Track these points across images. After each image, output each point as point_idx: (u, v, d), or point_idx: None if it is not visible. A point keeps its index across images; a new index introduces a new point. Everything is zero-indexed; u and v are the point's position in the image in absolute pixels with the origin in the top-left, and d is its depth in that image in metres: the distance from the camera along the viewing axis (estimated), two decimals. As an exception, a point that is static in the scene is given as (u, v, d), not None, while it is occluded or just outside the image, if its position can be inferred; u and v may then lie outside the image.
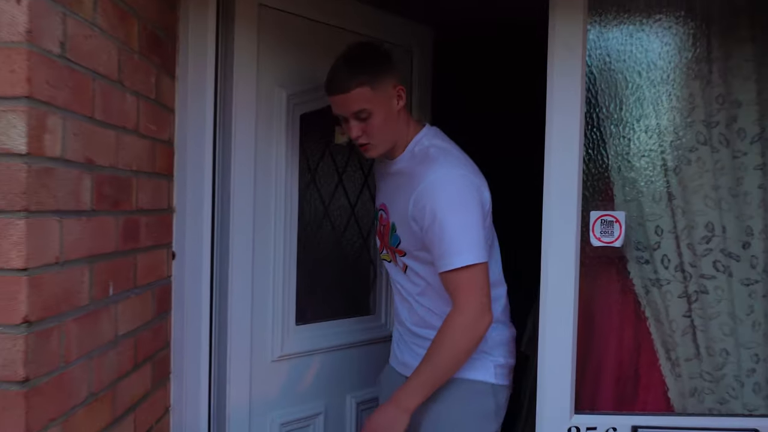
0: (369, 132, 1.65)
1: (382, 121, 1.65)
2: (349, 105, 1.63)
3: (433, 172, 1.62)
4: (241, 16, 1.75)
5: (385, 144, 1.69)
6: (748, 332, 1.79)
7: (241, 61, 1.75)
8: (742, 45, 1.78)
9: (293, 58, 1.88)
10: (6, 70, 0.96)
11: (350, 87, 1.61)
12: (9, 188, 0.97)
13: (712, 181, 1.77)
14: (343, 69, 1.64)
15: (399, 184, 1.71)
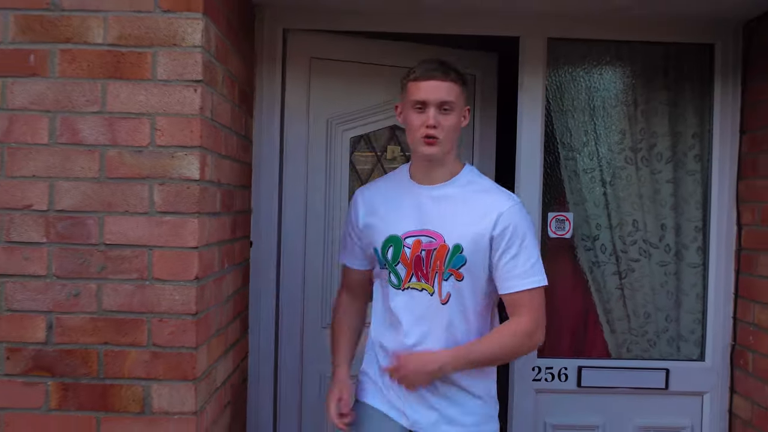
0: (444, 127, 1.70)
1: (456, 123, 1.73)
2: (441, 92, 1.69)
3: (511, 199, 1.75)
4: (295, 67, 2.42)
5: (445, 148, 1.74)
6: (663, 300, 2.48)
7: (293, 102, 2.41)
8: (659, 92, 2.46)
9: (340, 93, 2.47)
10: (188, 131, 1.63)
11: (449, 77, 1.70)
12: (188, 200, 1.64)
13: (636, 191, 2.46)
14: (442, 63, 1.74)
15: (455, 209, 1.75)
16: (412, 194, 1.80)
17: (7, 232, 1.64)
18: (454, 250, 1.72)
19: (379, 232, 1.81)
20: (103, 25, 1.63)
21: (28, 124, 1.63)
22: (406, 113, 1.77)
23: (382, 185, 1.90)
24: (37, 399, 1.66)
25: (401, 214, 1.79)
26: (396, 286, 1.79)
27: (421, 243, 1.75)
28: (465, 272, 1.72)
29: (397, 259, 1.77)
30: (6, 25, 1.63)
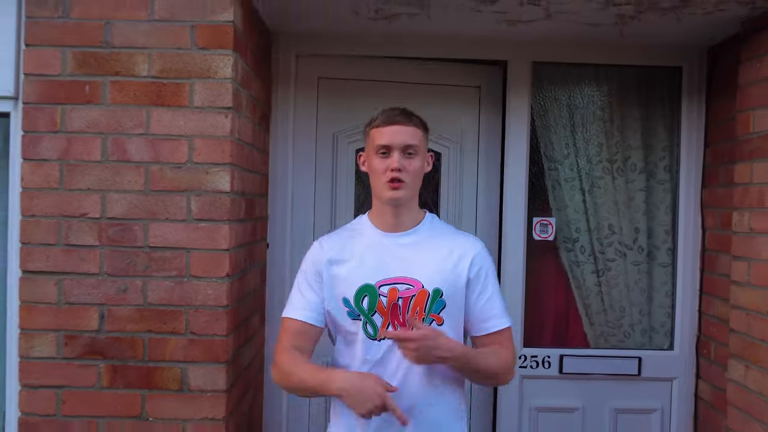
0: (409, 170, 1.72)
1: (419, 167, 1.75)
2: (405, 136, 1.71)
3: (479, 242, 1.81)
4: (305, 87, 2.69)
5: (411, 191, 1.75)
6: (637, 296, 2.76)
7: (302, 119, 2.68)
8: (632, 109, 2.74)
9: (345, 108, 2.70)
10: (220, 150, 1.91)
11: (411, 122, 1.74)
12: (221, 209, 1.92)
13: (612, 198, 2.74)
14: (404, 110, 1.77)
15: (428, 254, 1.75)
16: (379, 243, 1.77)
17: (66, 236, 1.93)
18: (434, 294, 1.71)
19: (349, 282, 1.74)
20: (147, 60, 1.91)
21: (84, 144, 1.92)
22: (369, 161, 1.77)
23: (344, 235, 1.84)
24: (90, 378, 1.94)
25: (371, 262, 1.75)
26: (372, 336, 1.73)
27: (398, 291, 1.71)
28: (445, 316, 1.72)
29: (373, 309, 1.72)
30: (65, 60, 1.92)
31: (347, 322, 1.75)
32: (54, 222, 1.93)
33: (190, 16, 1.91)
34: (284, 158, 2.65)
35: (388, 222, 1.78)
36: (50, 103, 1.92)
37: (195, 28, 1.91)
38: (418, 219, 1.81)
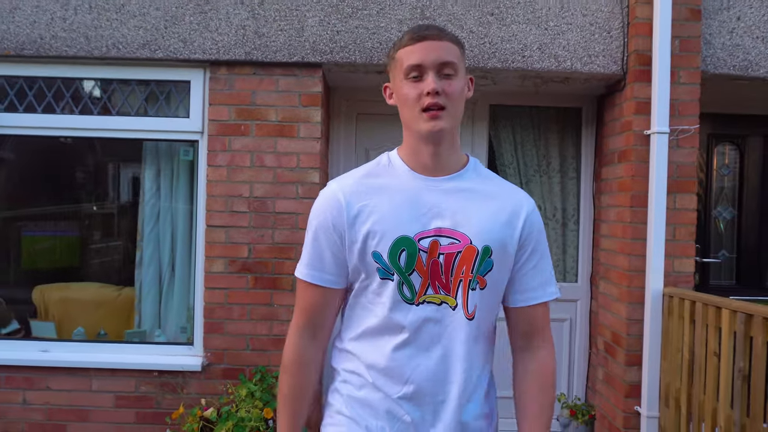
0: (448, 93, 1.43)
1: (461, 90, 1.46)
2: (440, 53, 1.44)
3: (531, 199, 1.56)
4: (349, 120, 4.34)
5: (453, 120, 1.46)
6: (556, 250, 4.41)
7: (347, 138, 4.34)
8: (553, 134, 4.39)
9: (375, 131, 4.41)
10: (314, 161, 3.57)
11: (445, 37, 1.46)
12: (314, 192, 3.58)
13: (540, 189, 4.38)
14: (437, 25, 1.55)
15: (478, 204, 1.49)
16: (415, 187, 1.49)
17: (230, 206, 3.58)
18: (484, 253, 1.46)
19: (383, 232, 1.46)
20: (275, 112, 3.57)
21: (240, 157, 3.57)
22: (398, 89, 1.49)
23: (368, 177, 1.53)
24: (242, 283, 3.60)
25: (407, 210, 1.47)
26: (409, 300, 1.47)
27: (439, 245, 1.45)
28: (489, 280, 1.48)
29: (412, 266, 1.45)
30: (230, 112, 3.58)
31: (376, 282, 1.48)
32: (223, 199, 3.59)
33: (298, 88, 3.58)
34: (337, 162, 4.31)
35: (425, 162, 1.50)
36: (222, 135, 3.58)
37: (301, 95, 3.57)
38: (461, 161, 1.54)
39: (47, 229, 4.22)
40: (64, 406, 3.62)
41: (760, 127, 4.40)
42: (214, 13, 3.56)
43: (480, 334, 1.52)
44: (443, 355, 1.49)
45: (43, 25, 3.56)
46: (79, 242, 4.25)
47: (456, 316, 1.48)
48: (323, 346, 1.60)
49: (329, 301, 1.56)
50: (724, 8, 3.61)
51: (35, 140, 3.76)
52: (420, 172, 1.52)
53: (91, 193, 4.25)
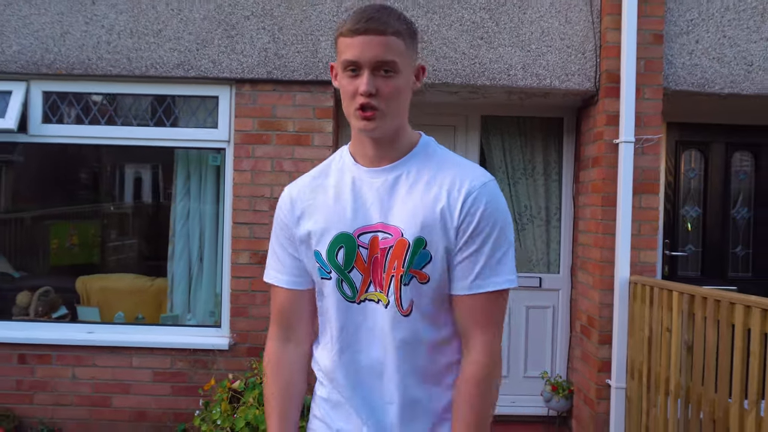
0: (384, 95, 1.34)
1: (401, 88, 1.36)
2: (378, 50, 1.32)
3: (485, 176, 1.40)
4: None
5: (391, 122, 1.37)
6: (540, 244, 4.94)
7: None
8: (536, 140, 4.92)
9: None
10: (326, 166, 4.11)
11: (387, 30, 1.33)
12: (326, 193, 4.12)
13: (526, 190, 4.91)
14: (381, 12, 1.35)
15: (413, 192, 1.39)
16: (358, 180, 1.43)
17: (253, 206, 4.11)
18: (416, 245, 1.36)
19: (323, 230, 1.42)
20: (292, 124, 4.10)
21: (262, 163, 4.10)
22: (339, 77, 1.42)
23: (318, 175, 1.52)
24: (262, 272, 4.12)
25: (348, 205, 1.42)
26: (350, 298, 1.42)
27: (379, 240, 1.39)
28: (430, 273, 1.37)
29: (350, 264, 1.40)
30: (254, 123, 4.10)
31: (319, 285, 1.46)
32: (247, 199, 4.12)
33: (313, 103, 4.10)
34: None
35: (368, 154, 1.44)
36: (246, 144, 4.11)
37: (315, 109, 4.10)
38: (408, 146, 1.45)
39: (88, 226, 4.76)
40: (108, 381, 4.14)
41: (722, 135, 4.93)
42: (240, 37, 4.09)
43: (422, 335, 1.40)
44: (381, 356, 1.43)
45: (91, 48, 4.09)
46: (116, 238, 4.78)
47: (388, 313, 1.39)
48: (302, 348, 1.55)
49: (297, 302, 1.51)
50: (684, 33, 4.14)
51: (81, 148, 4.29)
52: (363, 163, 1.45)
53: (128, 195, 4.78)
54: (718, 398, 2.89)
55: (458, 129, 4.90)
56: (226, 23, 4.09)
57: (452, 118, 4.88)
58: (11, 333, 4.16)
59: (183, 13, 4.09)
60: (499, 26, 4.12)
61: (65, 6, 4.10)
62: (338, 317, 1.46)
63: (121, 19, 4.09)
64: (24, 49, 4.09)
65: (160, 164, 4.66)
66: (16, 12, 4.10)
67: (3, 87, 4.11)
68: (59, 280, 4.58)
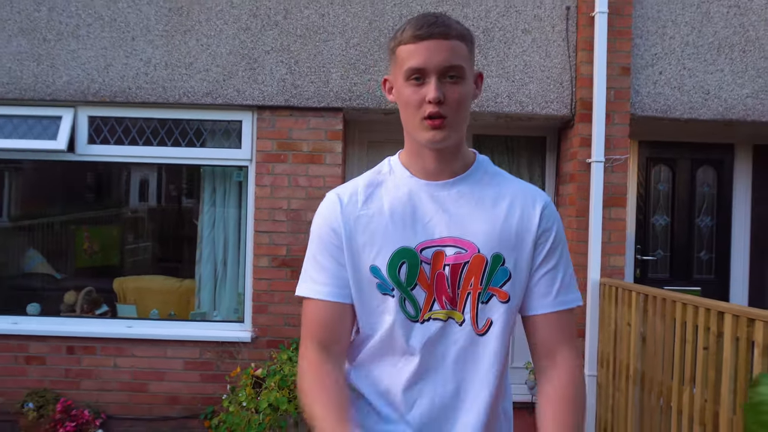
0: (452, 102, 1.30)
1: (466, 95, 1.33)
2: (445, 55, 1.29)
3: (543, 194, 1.43)
4: (361, 146, 5.46)
5: (457, 129, 1.33)
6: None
7: (359, 161, 5.46)
8: (522, 156, 5.51)
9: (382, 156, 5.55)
10: (338, 181, 4.71)
11: (452, 35, 1.31)
12: (336, 205, 4.72)
13: (513, 201, 5.51)
14: (442, 17, 1.33)
15: (484, 207, 1.36)
16: (418, 193, 1.37)
17: (273, 217, 4.71)
18: (494, 261, 1.32)
19: (381, 244, 1.35)
20: (307, 144, 4.70)
21: (281, 179, 4.70)
22: (398, 89, 1.36)
23: (368, 184, 1.44)
24: (282, 275, 4.71)
25: (409, 218, 1.35)
26: (413, 317, 1.35)
27: (444, 256, 1.33)
28: (510, 290, 1.34)
29: (413, 281, 1.33)
30: (273, 145, 4.70)
31: (376, 299, 1.37)
32: (267, 211, 4.72)
33: (324, 127, 4.70)
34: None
35: (428, 168, 1.38)
36: (266, 162, 4.71)
37: (327, 132, 4.70)
38: (467, 162, 1.41)
39: (124, 233, 5.36)
40: (145, 369, 4.74)
41: (687, 152, 5.53)
42: (261, 69, 4.69)
43: (498, 354, 1.36)
44: (449, 378, 1.37)
45: (130, 79, 4.69)
46: (149, 244, 5.39)
47: (463, 332, 1.35)
48: (342, 367, 1.42)
49: (340, 316, 1.39)
50: (649, 65, 4.74)
51: (120, 165, 4.88)
52: (422, 177, 1.39)
53: (161, 206, 5.39)
54: (663, 379, 3.49)
55: (452, 147, 5.49)
56: (249, 57, 4.69)
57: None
58: (61, 327, 4.76)
59: (211, 48, 4.69)
60: (487, 60, 4.72)
61: (108, 42, 4.70)
62: (400, 336, 1.36)
63: (157, 54, 4.69)
64: (72, 79, 4.69)
65: (190, 179, 5.26)
66: (65, 47, 4.70)
67: (54, 113, 4.71)
68: (98, 281, 5.18)
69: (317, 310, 1.40)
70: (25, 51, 4.69)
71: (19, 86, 4.68)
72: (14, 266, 5.33)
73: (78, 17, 4.70)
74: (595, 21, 4.57)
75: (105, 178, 5.21)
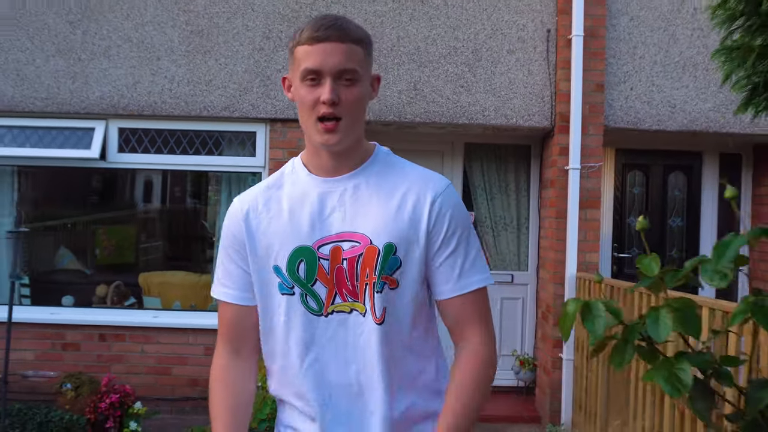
0: (347, 103, 1.35)
1: (361, 97, 1.38)
2: (339, 57, 1.34)
3: (443, 181, 1.45)
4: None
5: (350, 131, 1.38)
6: (512, 247, 6.09)
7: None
8: (509, 163, 6.06)
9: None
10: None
11: (347, 38, 1.35)
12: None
13: (501, 203, 6.06)
14: (340, 20, 1.37)
15: (377, 200, 1.41)
16: (315, 191, 1.43)
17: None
18: (386, 251, 1.38)
19: (280, 245, 1.41)
20: (314, 153, 5.26)
21: (291, 184, 5.25)
22: (295, 88, 1.40)
23: (270, 186, 1.50)
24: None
25: (305, 217, 1.41)
26: (316, 311, 1.41)
27: (342, 250, 1.39)
28: (400, 278, 1.40)
29: (313, 277, 1.39)
30: (284, 153, 5.25)
31: (277, 301, 1.43)
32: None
33: (330, 137, 5.24)
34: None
35: (325, 165, 1.43)
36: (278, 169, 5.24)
37: (332, 142, 5.24)
38: (364, 156, 1.45)
39: (148, 232, 5.92)
40: (169, 355, 5.28)
41: (660, 158, 6.07)
42: (273, 86, 5.23)
43: (395, 339, 1.41)
44: (359, 368, 1.41)
45: (156, 94, 5.24)
46: (171, 242, 5.94)
47: (366, 322, 1.40)
48: (250, 364, 1.52)
49: (246, 318, 1.47)
50: (622, 82, 5.29)
51: (147, 171, 5.43)
52: (319, 174, 1.44)
53: (181, 208, 5.94)
54: (625, 359, 4.04)
55: (445, 154, 6.05)
56: (263, 75, 5.24)
57: (440, 145, 6.04)
58: (93, 317, 5.31)
59: (228, 67, 5.24)
60: (476, 77, 5.27)
61: (136, 61, 5.25)
62: (305, 332, 1.42)
63: (180, 72, 5.24)
64: (104, 95, 5.24)
65: (208, 184, 5.82)
66: (98, 66, 5.25)
67: (88, 125, 5.26)
68: (124, 276, 5.74)
69: (225, 312, 1.51)
70: (62, 69, 5.24)
71: (56, 101, 5.23)
72: (48, 263, 5.89)
73: (109, 39, 5.25)
74: (572, 43, 5.11)
75: (130, 183, 5.77)
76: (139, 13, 5.24)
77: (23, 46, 5.24)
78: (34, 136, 5.21)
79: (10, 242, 3.67)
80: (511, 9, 5.26)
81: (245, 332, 1.49)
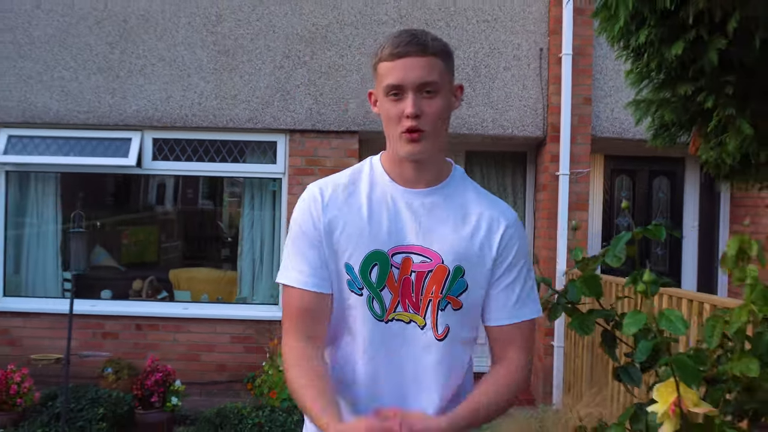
0: (429, 115, 1.39)
1: (443, 109, 1.42)
2: (421, 71, 1.38)
3: (513, 212, 1.52)
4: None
5: (434, 141, 1.42)
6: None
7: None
8: (507, 168, 6.61)
9: None
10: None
11: (428, 51, 1.39)
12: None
13: (499, 205, 6.61)
14: (419, 34, 1.41)
15: (453, 220, 1.45)
16: (394, 199, 1.45)
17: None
18: (455, 273, 1.42)
19: (356, 243, 1.43)
20: (329, 161, 5.82)
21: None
22: (380, 102, 1.45)
23: (348, 183, 1.51)
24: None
25: (384, 222, 1.44)
26: (379, 317, 1.44)
27: (412, 262, 1.43)
28: (464, 301, 1.44)
29: (383, 283, 1.42)
30: (302, 161, 5.82)
31: (345, 295, 1.45)
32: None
33: (344, 146, 5.81)
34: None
35: (406, 175, 1.46)
36: (297, 175, 5.82)
37: (346, 150, 5.81)
38: (444, 172, 1.49)
39: (178, 232, 6.50)
40: (199, 343, 5.86)
41: (645, 164, 6.61)
42: (292, 100, 5.81)
43: (453, 358, 1.47)
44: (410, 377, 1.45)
45: (186, 108, 5.82)
46: (198, 241, 6.53)
47: (425, 336, 1.45)
48: (323, 352, 1.49)
49: (323, 306, 1.45)
50: (608, 95, 5.83)
51: (178, 177, 6.01)
52: (400, 183, 1.46)
53: (209, 210, 6.53)
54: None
55: (448, 161, 6.58)
56: (283, 90, 5.81)
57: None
58: (130, 309, 5.90)
59: (252, 83, 5.81)
60: (475, 91, 5.83)
61: (168, 78, 5.83)
62: (368, 332, 1.45)
63: (208, 87, 5.82)
64: (140, 108, 5.82)
65: (234, 188, 6.40)
66: (134, 82, 5.83)
67: (125, 135, 5.85)
68: (156, 272, 6.32)
69: (300, 299, 1.45)
70: (102, 86, 5.83)
71: (97, 114, 5.82)
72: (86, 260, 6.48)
73: (144, 58, 5.83)
74: (563, 61, 5.65)
75: (165, 188, 6.36)
76: (171, 35, 5.82)
77: (67, 65, 5.83)
78: (77, 146, 5.80)
79: (73, 240, 4.23)
80: (507, 30, 5.81)
81: (319, 321, 1.46)
